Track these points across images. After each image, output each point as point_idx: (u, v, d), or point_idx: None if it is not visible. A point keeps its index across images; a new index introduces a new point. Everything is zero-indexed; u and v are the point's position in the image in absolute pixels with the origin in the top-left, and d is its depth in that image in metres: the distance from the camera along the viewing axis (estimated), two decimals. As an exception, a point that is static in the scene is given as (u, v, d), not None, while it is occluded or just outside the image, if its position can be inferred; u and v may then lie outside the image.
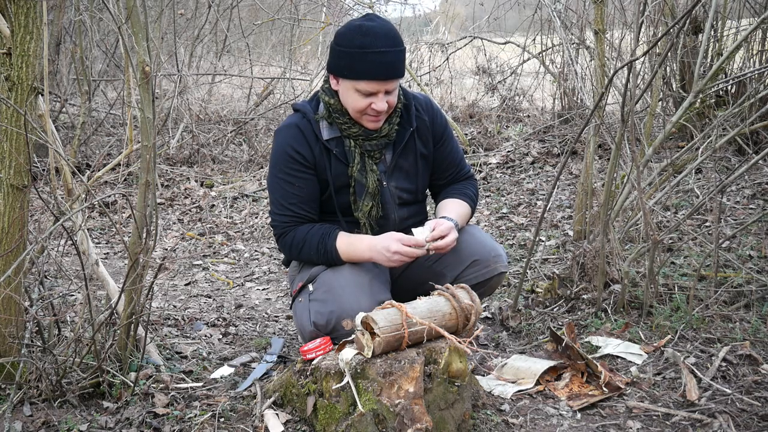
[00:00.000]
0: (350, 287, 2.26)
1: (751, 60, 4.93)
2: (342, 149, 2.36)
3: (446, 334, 1.99)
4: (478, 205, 2.73)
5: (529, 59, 6.67)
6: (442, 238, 2.26)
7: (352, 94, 2.26)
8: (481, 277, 2.42)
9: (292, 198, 2.35)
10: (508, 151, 5.94)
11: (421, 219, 2.61)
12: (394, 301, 2.04)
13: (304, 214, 2.37)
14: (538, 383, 2.35)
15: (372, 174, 2.38)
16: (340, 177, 2.37)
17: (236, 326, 3.08)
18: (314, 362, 2.09)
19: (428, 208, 2.71)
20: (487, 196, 5.14)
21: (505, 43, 6.79)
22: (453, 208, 2.46)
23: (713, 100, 4.78)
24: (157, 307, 3.23)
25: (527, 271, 3.06)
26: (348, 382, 1.94)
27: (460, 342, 1.97)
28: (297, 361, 2.19)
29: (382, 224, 2.47)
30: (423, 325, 1.99)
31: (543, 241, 4.02)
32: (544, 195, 4.98)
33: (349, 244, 2.31)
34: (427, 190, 2.63)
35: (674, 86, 5.19)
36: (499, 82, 7.19)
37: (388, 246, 2.24)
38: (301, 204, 2.36)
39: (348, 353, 1.97)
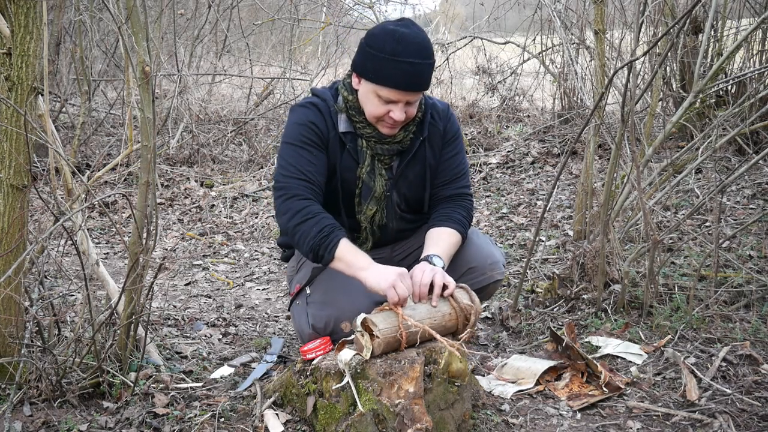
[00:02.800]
0: (348, 290, 2.25)
1: (751, 60, 4.93)
2: (355, 146, 2.31)
3: (439, 337, 1.98)
4: (477, 205, 2.70)
5: (529, 59, 6.67)
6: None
7: (372, 98, 2.19)
8: (478, 284, 2.36)
9: (307, 165, 2.23)
10: (508, 151, 5.94)
11: (420, 226, 2.55)
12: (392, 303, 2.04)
13: (316, 181, 2.23)
14: (538, 383, 2.35)
15: (380, 178, 2.33)
16: (349, 172, 2.32)
17: (236, 326, 3.08)
18: (314, 362, 2.09)
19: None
20: (487, 196, 5.14)
21: (505, 43, 6.79)
22: (438, 241, 2.30)
23: (713, 100, 4.78)
24: (157, 307, 3.23)
25: (527, 271, 3.06)
26: (348, 382, 1.94)
27: (452, 346, 1.96)
28: (297, 361, 2.19)
29: (381, 232, 2.45)
30: (419, 327, 1.98)
31: (543, 241, 4.02)
32: (544, 195, 4.98)
33: (353, 249, 2.16)
34: None
35: (674, 86, 5.20)
36: (499, 82, 7.19)
37: (402, 271, 2.07)
38: (316, 173, 2.23)
39: (347, 354, 1.97)
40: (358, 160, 2.32)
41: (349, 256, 2.13)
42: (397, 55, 2.11)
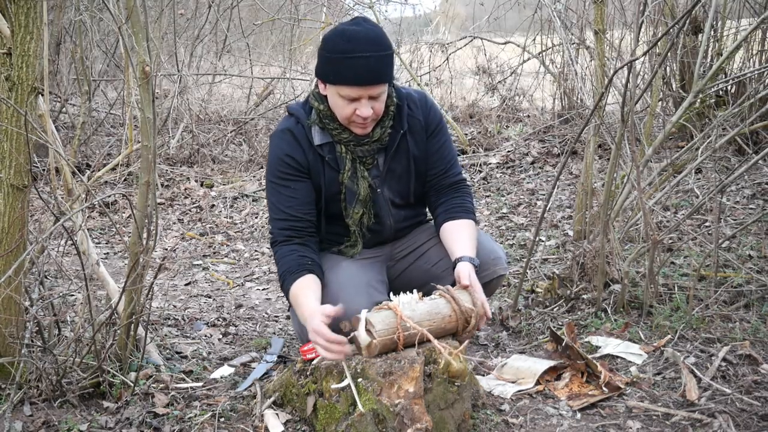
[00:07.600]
0: (347, 289, 2.25)
1: (751, 60, 4.93)
2: (334, 155, 2.33)
3: (436, 342, 1.97)
4: (477, 205, 2.71)
5: (529, 59, 6.67)
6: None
7: (337, 100, 2.21)
8: (481, 280, 2.32)
9: (289, 201, 2.31)
10: (508, 151, 5.94)
11: (419, 221, 2.59)
12: (390, 302, 2.04)
13: (301, 216, 2.32)
14: (538, 383, 2.35)
15: (363, 180, 2.34)
16: (333, 184, 2.34)
17: (236, 326, 3.08)
18: (314, 362, 2.09)
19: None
20: (487, 196, 5.14)
21: (505, 43, 6.79)
22: (466, 237, 2.34)
23: (713, 100, 4.78)
24: (157, 307, 3.23)
25: (527, 271, 3.06)
26: (348, 383, 1.94)
27: (450, 353, 1.95)
28: (297, 361, 2.19)
29: (377, 230, 2.45)
30: (417, 330, 1.98)
31: (543, 241, 4.02)
32: (544, 195, 4.98)
33: (299, 296, 2.20)
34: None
35: (674, 86, 5.20)
36: (499, 82, 7.19)
37: (312, 335, 2.06)
38: (297, 207, 2.31)
39: (363, 337, 1.95)
40: (338, 168, 2.33)
41: (297, 303, 2.21)
42: (348, 52, 2.12)
